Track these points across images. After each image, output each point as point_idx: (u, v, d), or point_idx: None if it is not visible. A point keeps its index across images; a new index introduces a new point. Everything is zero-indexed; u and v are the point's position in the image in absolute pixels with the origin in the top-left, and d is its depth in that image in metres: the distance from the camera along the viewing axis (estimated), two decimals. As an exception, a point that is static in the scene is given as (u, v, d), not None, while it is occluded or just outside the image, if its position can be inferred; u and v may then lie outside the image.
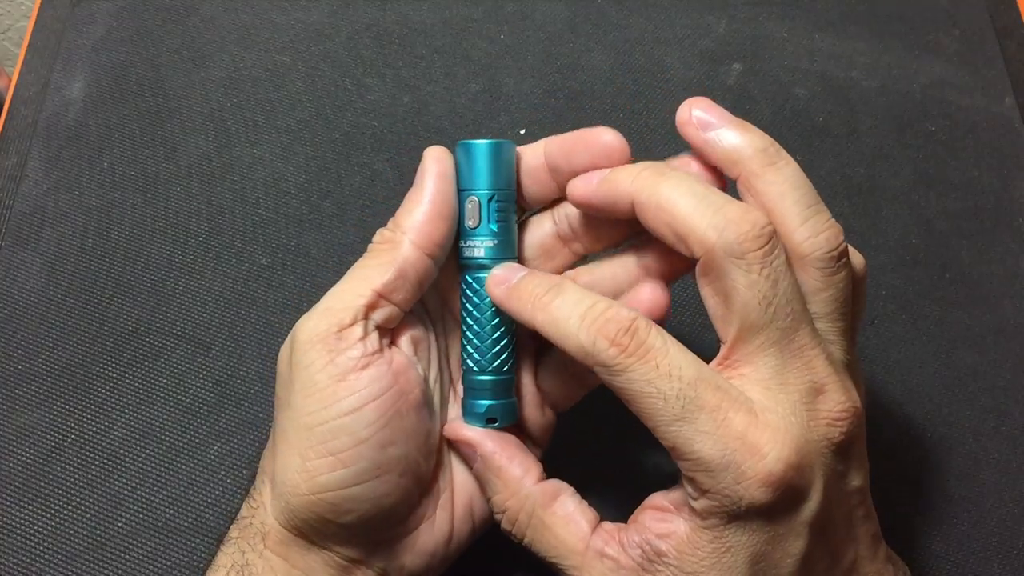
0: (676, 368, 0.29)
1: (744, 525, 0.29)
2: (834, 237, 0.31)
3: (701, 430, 0.29)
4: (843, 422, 0.30)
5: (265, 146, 0.51)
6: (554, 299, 0.32)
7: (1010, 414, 0.45)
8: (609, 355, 0.30)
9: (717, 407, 0.29)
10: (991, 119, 0.53)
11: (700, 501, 0.30)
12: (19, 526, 0.41)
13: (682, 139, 0.33)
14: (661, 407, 0.29)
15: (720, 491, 0.29)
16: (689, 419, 0.29)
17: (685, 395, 0.29)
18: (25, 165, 0.50)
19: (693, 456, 0.29)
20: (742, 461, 0.28)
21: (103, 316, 0.46)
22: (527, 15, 0.56)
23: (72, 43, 0.54)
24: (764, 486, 0.28)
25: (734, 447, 0.29)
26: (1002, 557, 0.42)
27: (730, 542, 0.30)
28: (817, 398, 0.30)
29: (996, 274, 0.48)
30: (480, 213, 0.34)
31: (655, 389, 0.29)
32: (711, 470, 0.29)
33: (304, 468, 0.32)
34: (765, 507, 0.29)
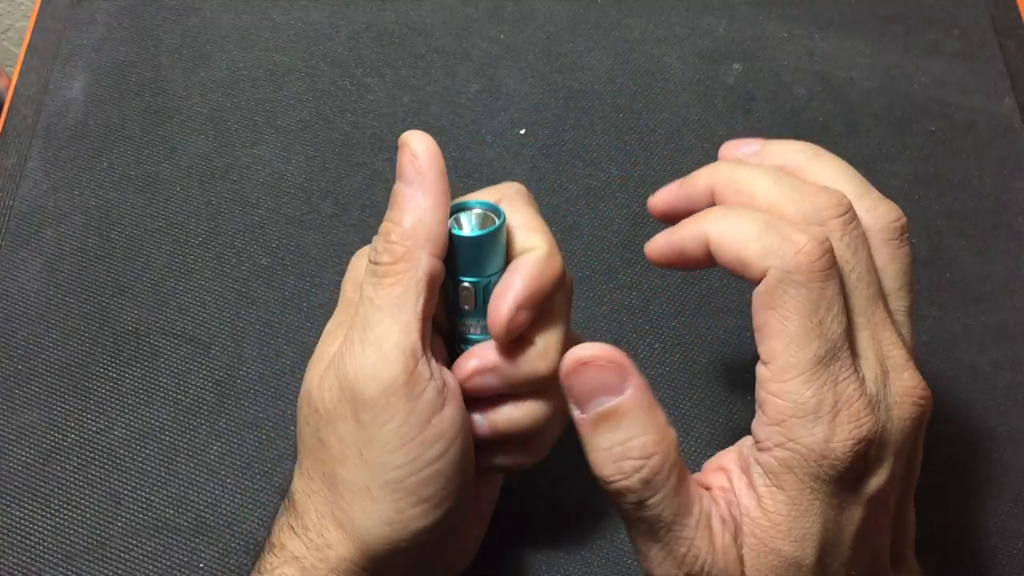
0: (841, 311, 0.29)
1: (818, 488, 0.29)
2: (893, 210, 0.32)
3: (825, 379, 0.28)
4: (919, 404, 0.30)
5: (265, 146, 0.51)
6: (726, 214, 0.31)
7: (1010, 414, 0.45)
8: (796, 262, 0.28)
9: (848, 366, 0.29)
10: (991, 119, 0.53)
11: (778, 452, 0.29)
12: (19, 526, 0.41)
13: (681, 138, 0.33)
14: (807, 340, 0.28)
15: (808, 444, 0.28)
16: (824, 364, 0.28)
17: (835, 340, 0.29)
18: (25, 165, 0.50)
19: (803, 399, 0.28)
20: (841, 423, 0.28)
21: (103, 316, 0.46)
22: (527, 15, 0.56)
23: (72, 43, 0.54)
24: (850, 453, 0.28)
25: (840, 408, 0.28)
26: (1002, 557, 0.42)
27: (805, 506, 0.29)
28: (894, 376, 0.30)
29: (996, 274, 0.48)
30: (476, 298, 0.33)
31: (817, 321, 0.28)
32: (811, 420, 0.28)
33: (396, 519, 0.31)
34: (843, 471, 0.28)
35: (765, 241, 0.29)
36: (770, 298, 0.29)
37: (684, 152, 0.51)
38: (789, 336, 0.29)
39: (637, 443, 0.28)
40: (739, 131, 0.52)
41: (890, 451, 0.30)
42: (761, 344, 0.30)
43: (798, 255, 0.28)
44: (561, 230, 0.49)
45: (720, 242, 0.30)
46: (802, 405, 0.29)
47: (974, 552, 0.42)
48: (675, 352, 0.46)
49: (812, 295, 0.29)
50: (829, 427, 0.29)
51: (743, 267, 0.30)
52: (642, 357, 0.45)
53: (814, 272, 0.28)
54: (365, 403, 0.31)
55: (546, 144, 0.51)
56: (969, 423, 0.44)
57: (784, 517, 0.29)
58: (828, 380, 0.29)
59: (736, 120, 0.52)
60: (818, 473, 0.29)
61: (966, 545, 0.42)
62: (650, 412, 0.29)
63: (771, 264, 0.29)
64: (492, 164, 0.51)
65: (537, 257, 0.32)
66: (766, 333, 0.29)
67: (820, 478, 0.29)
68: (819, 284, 0.29)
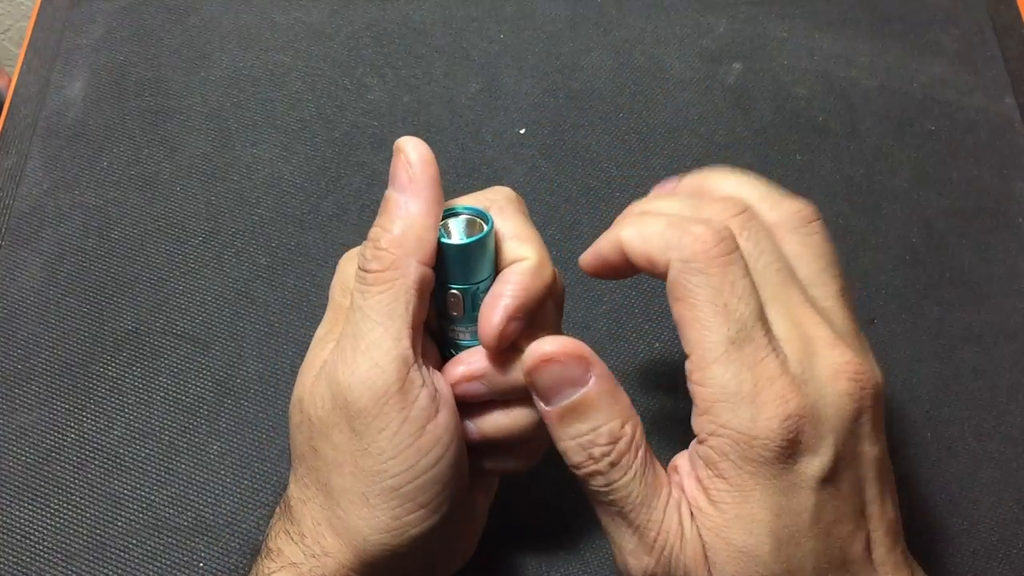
0: (747, 293, 0.29)
1: (756, 472, 0.29)
2: (798, 203, 0.33)
3: (741, 360, 0.29)
4: (855, 380, 0.30)
5: (265, 146, 0.51)
6: (636, 219, 0.32)
7: (1010, 414, 0.45)
8: (693, 250, 0.29)
9: (764, 345, 0.29)
10: (991, 119, 0.53)
11: (715, 439, 0.29)
12: (19, 525, 0.41)
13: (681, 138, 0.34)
14: (716, 324, 0.29)
15: (736, 427, 0.29)
16: (737, 345, 0.29)
17: (745, 321, 0.29)
18: (25, 165, 0.50)
19: (723, 383, 0.29)
20: (765, 402, 0.28)
21: (103, 316, 0.46)
22: (527, 15, 0.56)
23: (72, 43, 0.54)
24: (778, 431, 0.28)
25: (762, 386, 0.28)
26: (1002, 557, 0.42)
27: (747, 492, 0.29)
28: (822, 355, 0.30)
29: (996, 274, 0.48)
30: (464, 305, 0.33)
31: (723, 304, 0.29)
32: (734, 403, 0.29)
33: (394, 525, 0.31)
34: (776, 452, 0.28)
35: (667, 236, 0.30)
36: (676, 289, 0.30)
37: (684, 152, 0.51)
38: (700, 323, 0.29)
39: (605, 430, 0.30)
40: (739, 131, 0.52)
41: (828, 428, 0.29)
42: (681, 338, 0.30)
43: (695, 243, 0.29)
44: (561, 230, 0.49)
45: (631, 244, 0.31)
46: (723, 389, 0.29)
47: (975, 552, 0.42)
48: (675, 352, 0.46)
49: (713, 280, 0.29)
50: (753, 407, 0.28)
51: (651, 264, 0.31)
52: (642, 357, 0.45)
53: (712, 258, 0.29)
54: (359, 412, 0.31)
55: (546, 144, 0.51)
56: (969, 423, 0.44)
57: (729, 505, 0.29)
58: (745, 361, 0.29)
59: (736, 120, 0.52)
60: (751, 455, 0.29)
61: (967, 545, 0.42)
62: (614, 398, 0.30)
63: (672, 256, 0.30)
64: (492, 164, 0.51)
65: (527, 268, 0.32)
66: (681, 325, 0.30)
67: (755, 460, 0.29)
68: (719, 268, 0.29)
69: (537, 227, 0.48)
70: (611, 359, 0.45)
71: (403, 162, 0.32)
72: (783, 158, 0.51)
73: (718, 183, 0.34)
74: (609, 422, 0.30)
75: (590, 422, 0.30)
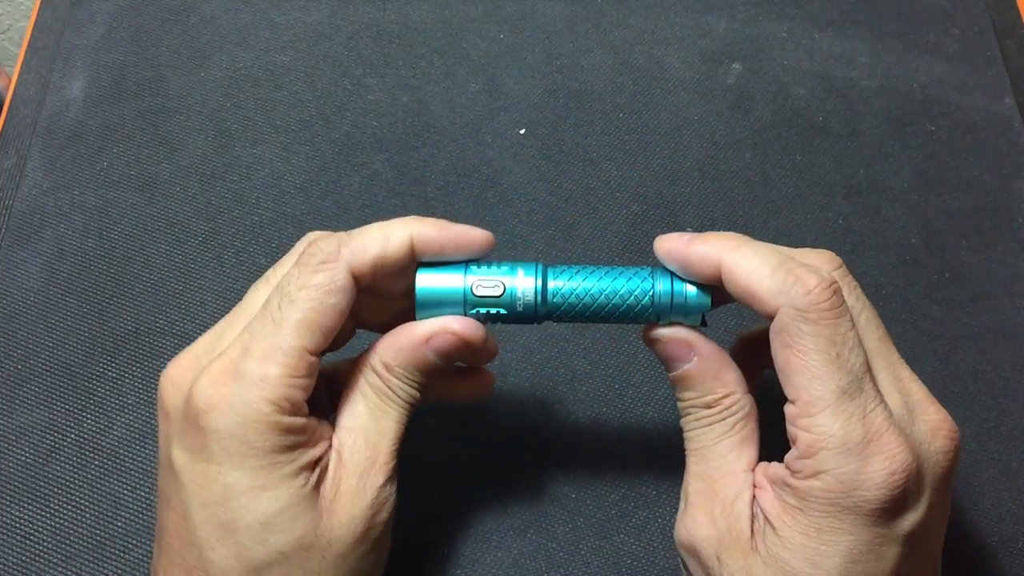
0: (857, 346, 0.30)
1: (845, 518, 0.29)
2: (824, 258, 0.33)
3: (851, 411, 0.29)
4: (951, 439, 0.31)
5: (265, 146, 0.51)
6: (742, 246, 0.32)
7: (1010, 414, 0.45)
8: (808, 300, 0.30)
9: (873, 397, 0.30)
10: (991, 119, 0.53)
11: (810, 481, 0.29)
12: (19, 526, 0.41)
13: (681, 138, 0.34)
14: (828, 373, 0.29)
15: (839, 476, 0.29)
16: (849, 396, 0.29)
17: (856, 373, 0.29)
18: (25, 165, 0.50)
19: (832, 432, 0.29)
20: (873, 453, 0.29)
21: (103, 316, 0.46)
22: (527, 15, 0.56)
23: (72, 43, 0.54)
24: (886, 486, 0.29)
25: (871, 439, 0.29)
26: (1002, 557, 0.42)
27: (827, 535, 0.29)
28: (920, 412, 0.31)
29: (996, 274, 0.48)
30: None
31: (835, 354, 0.29)
32: (842, 452, 0.29)
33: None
34: (876, 506, 0.29)
35: (777, 280, 0.30)
36: (787, 337, 0.30)
37: (684, 152, 0.51)
38: (811, 372, 0.30)
39: (700, 402, 0.34)
40: (739, 131, 0.52)
41: (927, 485, 0.30)
42: (785, 383, 0.31)
43: (809, 295, 0.30)
44: (561, 230, 0.49)
45: (733, 272, 0.32)
46: (832, 437, 0.29)
47: (975, 552, 0.42)
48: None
49: (826, 331, 0.30)
50: (861, 459, 0.29)
51: (752, 300, 0.31)
52: (642, 358, 0.45)
53: (825, 311, 0.30)
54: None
55: (546, 144, 0.51)
56: (969, 423, 0.44)
57: (800, 536, 0.30)
58: (856, 412, 0.29)
59: (736, 120, 0.52)
60: (847, 504, 0.29)
61: (967, 546, 0.42)
62: (717, 377, 0.33)
63: (782, 303, 0.30)
64: (492, 164, 0.51)
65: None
66: (788, 372, 0.30)
67: (849, 509, 0.29)
68: (832, 321, 0.30)
69: (537, 228, 0.49)
70: (612, 360, 0.45)
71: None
72: (783, 158, 0.51)
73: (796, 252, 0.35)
74: (707, 395, 0.33)
75: (693, 392, 0.34)
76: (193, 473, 0.31)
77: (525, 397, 0.44)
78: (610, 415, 0.44)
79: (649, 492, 0.42)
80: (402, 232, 0.33)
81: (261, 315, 0.32)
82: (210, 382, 0.31)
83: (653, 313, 0.34)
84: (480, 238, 0.34)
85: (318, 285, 0.31)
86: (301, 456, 0.31)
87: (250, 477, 0.30)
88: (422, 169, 0.50)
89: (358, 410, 0.34)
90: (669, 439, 0.43)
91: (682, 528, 0.33)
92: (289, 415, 0.31)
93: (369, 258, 0.32)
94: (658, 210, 0.49)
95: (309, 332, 0.31)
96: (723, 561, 0.31)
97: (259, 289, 0.34)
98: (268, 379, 0.30)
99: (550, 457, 0.43)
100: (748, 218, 0.49)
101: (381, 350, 0.34)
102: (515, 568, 0.41)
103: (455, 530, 0.41)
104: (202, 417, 0.30)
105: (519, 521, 0.41)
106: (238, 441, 0.30)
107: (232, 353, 0.31)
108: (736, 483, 0.32)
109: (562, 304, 0.34)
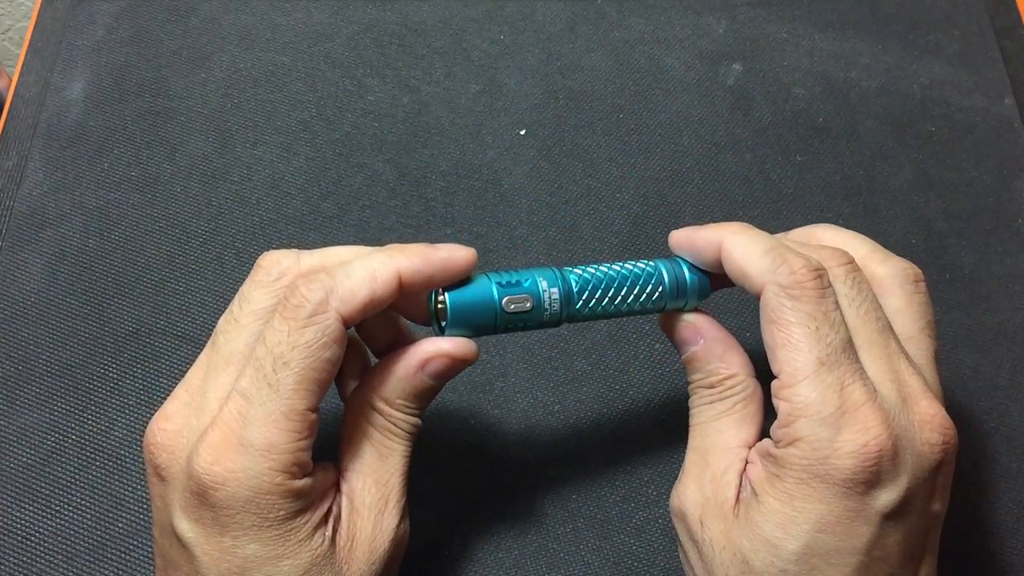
0: (838, 324, 0.31)
1: (817, 487, 0.30)
2: (906, 263, 0.35)
3: (829, 382, 0.30)
4: (942, 434, 0.31)
5: (265, 147, 0.51)
6: (741, 231, 0.34)
7: (1010, 414, 0.45)
8: (789, 279, 0.31)
9: (853, 372, 0.31)
10: (991, 119, 0.53)
11: (787, 449, 0.31)
12: (20, 527, 0.41)
13: (681, 138, 0.34)
14: (808, 345, 0.31)
15: (813, 443, 0.30)
16: (827, 368, 0.30)
17: (834, 347, 0.31)
18: (25, 166, 0.50)
19: (808, 400, 0.30)
20: (847, 424, 0.30)
21: (103, 317, 0.46)
22: (527, 15, 0.56)
23: (72, 43, 0.54)
24: (856, 456, 0.29)
25: (846, 409, 0.30)
26: (1003, 558, 0.42)
27: (800, 501, 0.30)
28: (912, 403, 0.31)
29: (996, 274, 0.48)
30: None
31: (814, 327, 0.31)
32: (815, 420, 0.30)
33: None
34: (847, 476, 0.29)
35: (767, 260, 0.32)
36: (770, 312, 0.32)
37: (684, 152, 0.51)
38: (792, 344, 0.31)
39: (706, 381, 0.36)
40: (739, 132, 0.52)
41: (905, 469, 0.30)
42: (771, 359, 0.32)
43: (792, 275, 0.32)
44: (561, 231, 0.49)
45: (730, 252, 0.34)
46: (808, 405, 0.30)
47: (975, 553, 0.42)
48: (675, 352, 0.46)
49: (807, 307, 0.31)
50: (834, 427, 0.30)
51: (744, 280, 0.33)
52: (642, 357, 0.45)
53: (807, 288, 0.31)
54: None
55: (546, 145, 0.51)
56: (969, 424, 0.44)
57: (774, 501, 0.31)
58: (833, 383, 0.30)
59: (736, 120, 0.52)
60: (818, 471, 0.30)
61: (967, 546, 0.42)
62: (723, 359, 0.35)
63: (768, 280, 0.32)
64: (492, 165, 0.51)
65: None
66: (772, 346, 0.32)
67: (819, 476, 0.30)
68: (813, 298, 0.31)
69: (537, 228, 0.49)
70: (612, 360, 0.45)
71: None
72: (783, 159, 0.51)
73: (827, 235, 0.37)
74: (711, 376, 0.35)
75: (699, 373, 0.36)
76: (207, 546, 0.30)
77: (525, 397, 0.44)
78: (610, 415, 0.44)
79: (650, 492, 0.42)
80: (388, 269, 0.32)
81: (254, 378, 0.30)
82: (213, 457, 0.30)
83: (665, 305, 0.36)
84: (465, 258, 0.33)
85: (310, 342, 0.30)
86: (313, 515, 0.31)
87: (268, 548, 0.30)
88: (423, 170, 0.50)
89: (363, 451, 0.33)
90: (670, 439, 0.44)
91: (674, 495, 0.35)
92: (299, 478, 0.31)
93: (359, 303, 0.31)
94: (658, 210, 0.50)
95: (308, 391, 0.30)
96: (705, 524, 0.33)
97: (230, 332, 0.33)
98: (274, 447, 0.30)
99: (550, 457, 0.43)
100: (748, 218, 0.49)
101: (378, 387, 0.33)
102: (515, 568, 0.41)
103: (455, 531, 0.41)
104: (211, 494, 0.30)
105: (520, 522, 0.42)
106: (252, 515, 0.30)
107: (229, 421, 0.30)
108: (729, 456, 0.34)
109: (584, 309, 0.35)
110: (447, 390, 0.44)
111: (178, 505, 0.31)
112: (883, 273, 0.35)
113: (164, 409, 0.33)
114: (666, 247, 0.38)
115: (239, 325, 0.33)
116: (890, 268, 0.35)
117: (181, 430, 0.32)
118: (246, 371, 0.31)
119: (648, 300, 0.36)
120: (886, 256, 0.36)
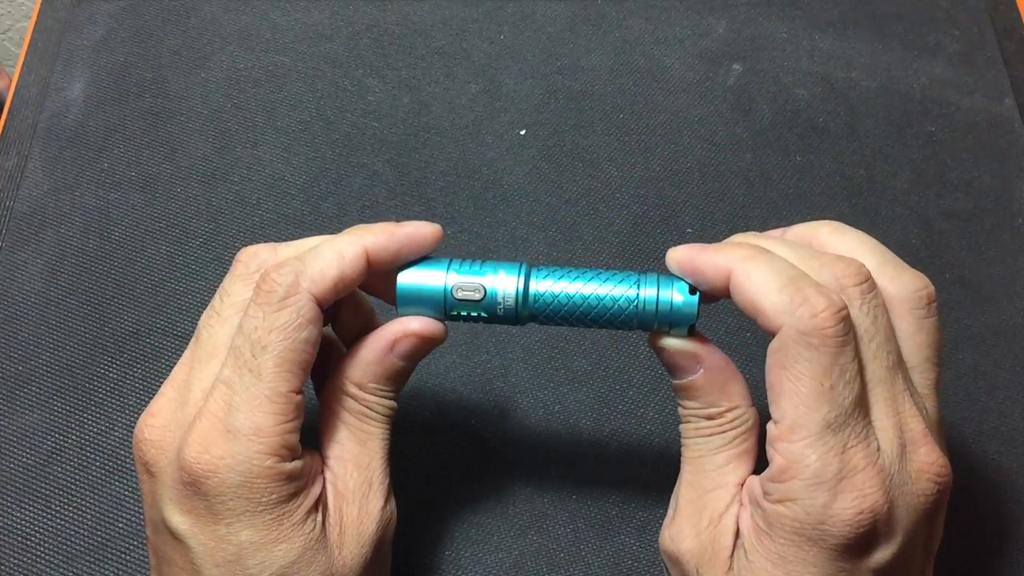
0: (854, 378, 0.29)
1: (810, 550, 0.29)
2: (919, 279, 0.32)
3: (831, 445, 0.28)
4: (936, 482, 0.30)
5: (265, 147, 0.51)
6: (754, 257, 0.31)
7: (1010, 414, 0.45)
8: (810, 324, 0.29)
9: (858, 433, 0.29)
10: (991, 119, 0.53)
11: (778, 506, 0.29)
12: (20, 527, 0.41)
13: (681, 138, 0.33)
14: (817, 404, 0.29)
15: (807, 507, 0.29)
16: (832, 430, 0.29)
17: (846, 407, 0.29)
18: (25, 166, 0.50)
19: (807, 463, 0.29)
20: (844, 490, 0.28)
21: (104, 317, 0.46)
22: (527, 15, 0.56)
23: (72, 44, 0.54)
24: (851, 524, 0.28)
25: (845, 475, 0.28)
26: (1002, 557, 0.42)
27: (792, 564, 0.29)
28: (911, 451, 0.30)
29: (996, 275, 0.48)
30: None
31: (828, 385, 0.29)
32: (812, 483, 0.28)
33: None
34: (841, 542, 0.29)
35: (785, 297, 0.29)
36: (783, 357, 0.29)
37: (684, 152, 0.51)
38: (800, 398, 0.29)
39: (703, 413, 0.34)
40: (739, 132, 0.52)
41: (900, 528, 0.29)
42: (772, 401, 0.30)
43: (814, 319, 0.29)
44: (561, 231, 0.49)
45: (741, 283, 0.31)
46: (806, 468, 0.29)
47: (975, 553, 0.42)
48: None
49: (825, 359, 0.29)
50: (830, 494, 0.28)
51: (757, 314, 0.30)
52: (642, 358, 0.45)
53: (828, 337, 0.29)
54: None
55: (546, 145, 0.51)
56: (970, 424, 0.44)
57: (766, 561, 0.30)
58: (835, 446, 0.29)
59: (736, 121, 0.52)
60: (812, 536, 0.29)
61: (967, 546, 0.42)
62: (722, 390, 0.33)
63: (786, 322, 0.29)
64: (492, 165, 0.51)
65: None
66: (778, 392, 0.30)
67: (813, 540, 0.29)
68: (833, 349, 0.29)
69: (537, 228, 0.49)
70: (612, 360, 0.45)
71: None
72: (783, 159, 0.51)
73: (835, 240, 0.34)
74: (710, 407, 0.33)
75: (696, 402, 0.33)
76: (202, 536, 0.30)
77: (525, 397, 0.44)
78: (611, 416, 0.44)
79: (650, 493, 0.42)
80: (355, 247, 0.32)
81: (235, 366, 0.31)
82: (202, 446, 0.30)
83: (636, 321, 0.33)
84: (431, 233, 0.34)
85: (286, 324, 0.31)
86: (305, 500, 0.31)
87: (262, 533, 0.30)
88: (423, 170, 0.50)
89: (341, 437, 0.33)
90: (670, 440, 0.44)
91: (667, 537, 0.33)
92: (289, 461, 0.31)
93: (329, 282, 0.32)
94: (658, 211, 0.50)
95: (290, 373, 0.31)
96: (702, 575, 0.31)
97: (213, 326, 0.33)
98: (261, 431, 0.30)
99: (551, 458, 0.43)
100: (748, 218, 0.49)
101: (349, 372, 0.34)
102: (516, 569, 0.41)
103: (456, 531, 0.41)
104: (202, 483, 0.30)
105: (520, 522, 0.42)
106: (244, 500, 0.30)
107: (215, 410, 0.30)
108: (726, 497, 0.32)
109: (544, 308, 0.33)
110: (447, 390, 0.44)
111: (169, 499, 0.31)
112: (894, 292, 0.32)
113: (151, 406, 0.33)
114: (666, 247, 0.35)
115: (221, 319, 0.33)
116: (902, 288, 0.32)
117: (168, 425, 0.32)
118: (227, 361, 0.31)
119: (621, 316, 0.33)
120: (898, 270, 0.32)
